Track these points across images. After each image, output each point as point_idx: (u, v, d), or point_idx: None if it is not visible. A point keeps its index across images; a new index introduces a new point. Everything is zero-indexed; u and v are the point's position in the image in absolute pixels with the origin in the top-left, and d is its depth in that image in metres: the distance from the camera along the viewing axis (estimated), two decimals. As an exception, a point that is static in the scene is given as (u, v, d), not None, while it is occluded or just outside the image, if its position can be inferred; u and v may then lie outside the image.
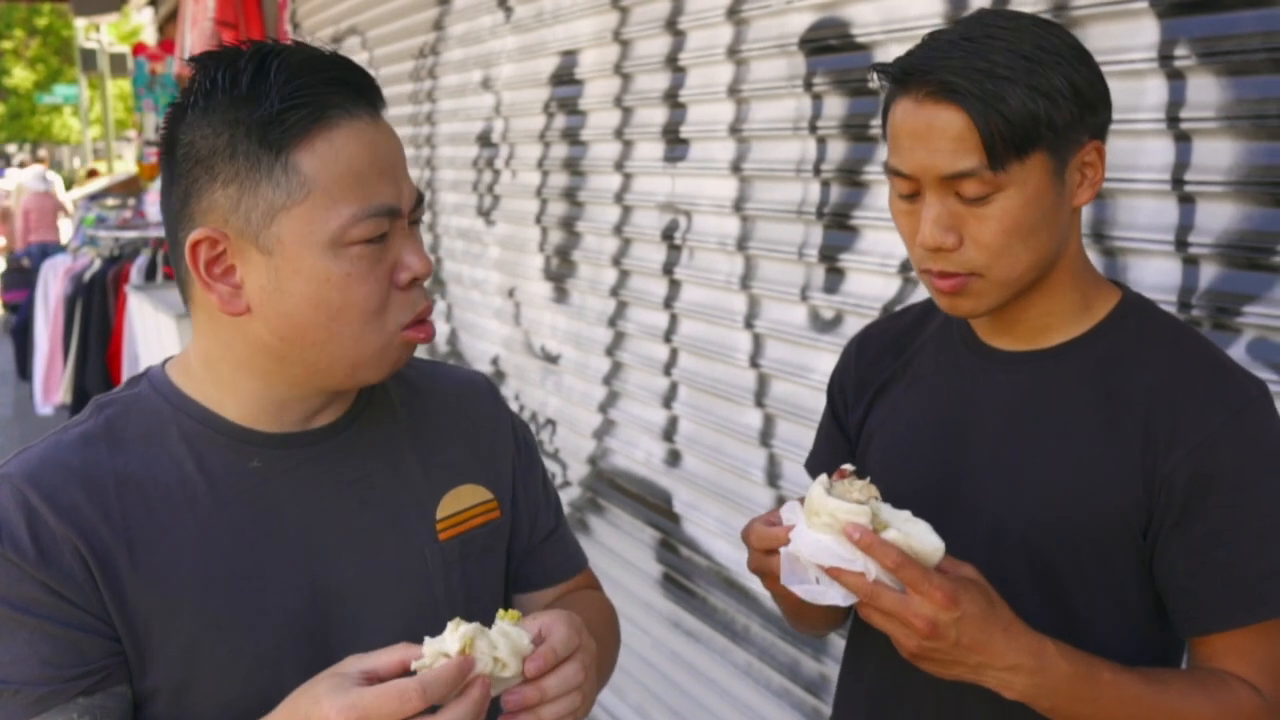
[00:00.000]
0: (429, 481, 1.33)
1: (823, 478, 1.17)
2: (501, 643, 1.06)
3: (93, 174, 17.80)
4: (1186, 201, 1.82)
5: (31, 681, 1.11)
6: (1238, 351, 1.73)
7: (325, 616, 1.21)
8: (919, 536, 1.13)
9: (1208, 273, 1.80)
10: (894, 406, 1.47)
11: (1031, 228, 1.25)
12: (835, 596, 1.14)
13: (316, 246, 1.12)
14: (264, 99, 1.10)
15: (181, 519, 1.19)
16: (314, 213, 1.11)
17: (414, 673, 1.03)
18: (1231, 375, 1.29)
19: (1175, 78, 1.81)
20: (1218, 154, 1.76)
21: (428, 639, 1.05)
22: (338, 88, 1.14)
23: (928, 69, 1.22)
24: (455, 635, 1.04)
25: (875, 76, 1.31)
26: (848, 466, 1.20)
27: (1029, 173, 1.23)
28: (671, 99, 3.16)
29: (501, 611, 1.10)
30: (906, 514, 1.15)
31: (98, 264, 7.32)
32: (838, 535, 1.12)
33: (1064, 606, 1.31)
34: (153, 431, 1.22)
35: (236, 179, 1.11)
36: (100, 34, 20.64)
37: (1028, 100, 1.20)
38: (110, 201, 10.37)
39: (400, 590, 1.27)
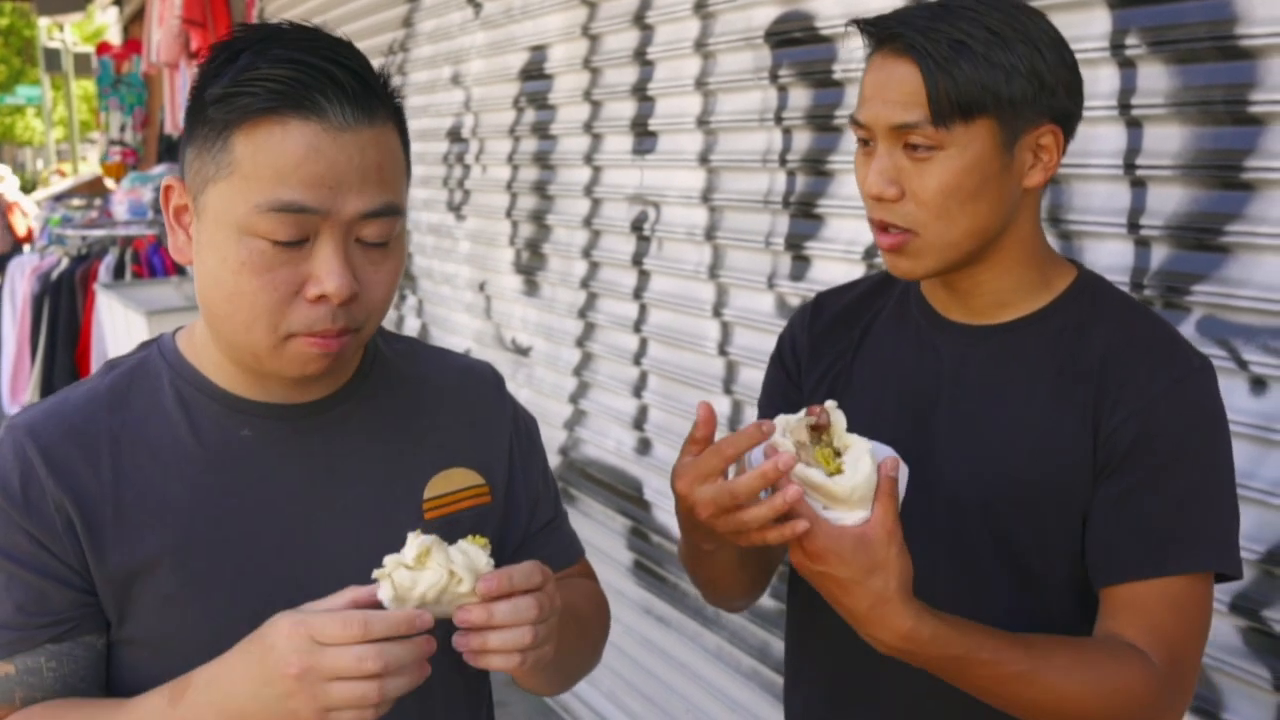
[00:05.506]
0: (419, 461, 1.35)
1: (787, 445, 1.20)
2: (459, 559, 1.09)
3: (59, 173, 17.66)
4: (1138, 185, 1.88)
5: (5, 625, 1.18)
6: (1187, 329, 1.79)
7: (304, 585, 1.23)
8: (842, 477, 1.17)
9: (1159, 254, 1.86)
10: (850, 379, 1.50)
11: (970, 193, 1.29)
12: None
13: (226, 226, 1.15)
14: (226, 76, 1.14)
15: (169, 479, 1.23)
16: (230, 193, 1.14)
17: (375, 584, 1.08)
18: (1178, 347, 1.34)
19: (1126, 66, 1.87)
20: (1167, 139, 1.83)
21: (390, 555, 1.09)
22: (301, 88, 1.12)
23: (894, 26, 1.29)
24: (414, 545, 1.09)
25: (859, 33, 1.36)
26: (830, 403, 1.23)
27: (972, 137, 1.28)
28: (640, 92, 3.21)
29: (471, 536, 1.14)
30: (857, 442, 1.19)
31: (65, 263, 7.28)
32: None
33: (1021, 571, 1.35)
34: (152, 394, 1.27)
35: (196, 142, 1.17)
36: (64, 33, 20.48)
37: (980, 68, 1.25)
38: (76, 202, 10.27)
39: (379, 564, 1.30)
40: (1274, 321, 1.71)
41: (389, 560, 1.09)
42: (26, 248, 10.91)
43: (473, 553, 1.10)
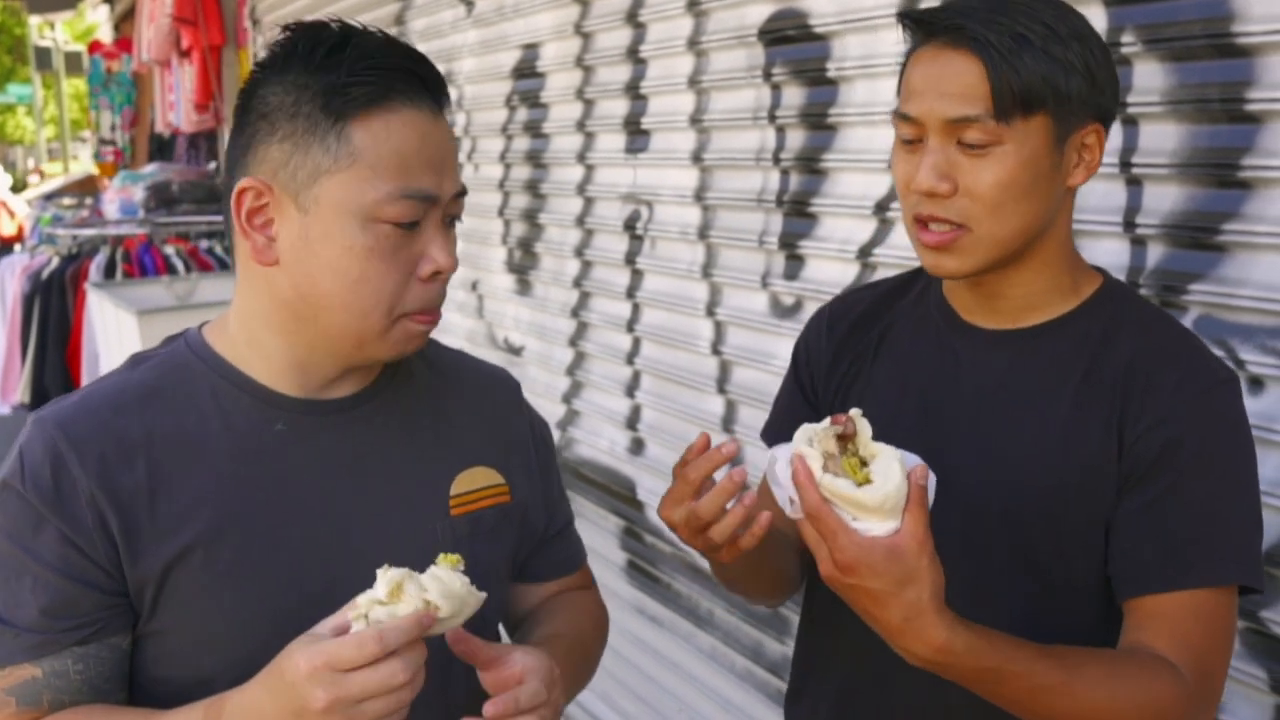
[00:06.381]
0: (444, 459, 1.37)
1: (814, 455, 1.16)
2: (433, 586, 1.09)
3: (38, 173, 17.63)
4: (1134, 184, 1.87)
5: (30, 628, 1.18)
6: (1184, 328, 1.78)
7: (334, 579, 1.25)
8: (872, 487, 1.14)
9: (1155, 253, 1.85)
10: (868, 383, 1.49)
11: (1024, 189, 1.27)
12: (788, 506, 1.18)
13: (349, 215, 1.18)
14: (335, 70, 1.18)
15: (203, 473, 1.23)
16: (354, 182, 1.17)
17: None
18: (1204, 358, 1.32)
19: (1122, 64, 1.86)
20: (1163, 137, 1.82)
21: (363, 593, 1.09)
22: (406, 77, 1.20)
23: (952, 18, 1.27)
24: (384, 579, 1.08)
25: (901, 26, 1.34)
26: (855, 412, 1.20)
27: (1030, 133, 1.26)
28: (633, 91, 3.19)
29: (441, 556, 1.14)
30: (885, 451, 1.16)
31: (56, 262, 7.24)
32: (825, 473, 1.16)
33: (1040, 579, 1.34)
34: (183, 388, 1.27)
35: (292, 137, 1.19)
36: (55, 32, 20.44)
37: (1041, 62, 1.24)
38: (67, 201, 10.24)
39: (410, 558, 1.30)
40: (1271, 321, 1.70)
41: (362, 600, 1.08)
42: (17, 247, 10.88)
43: (446, 577, 1.10)
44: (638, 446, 3.29)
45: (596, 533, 3.50)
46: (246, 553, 1.23)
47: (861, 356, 1.50)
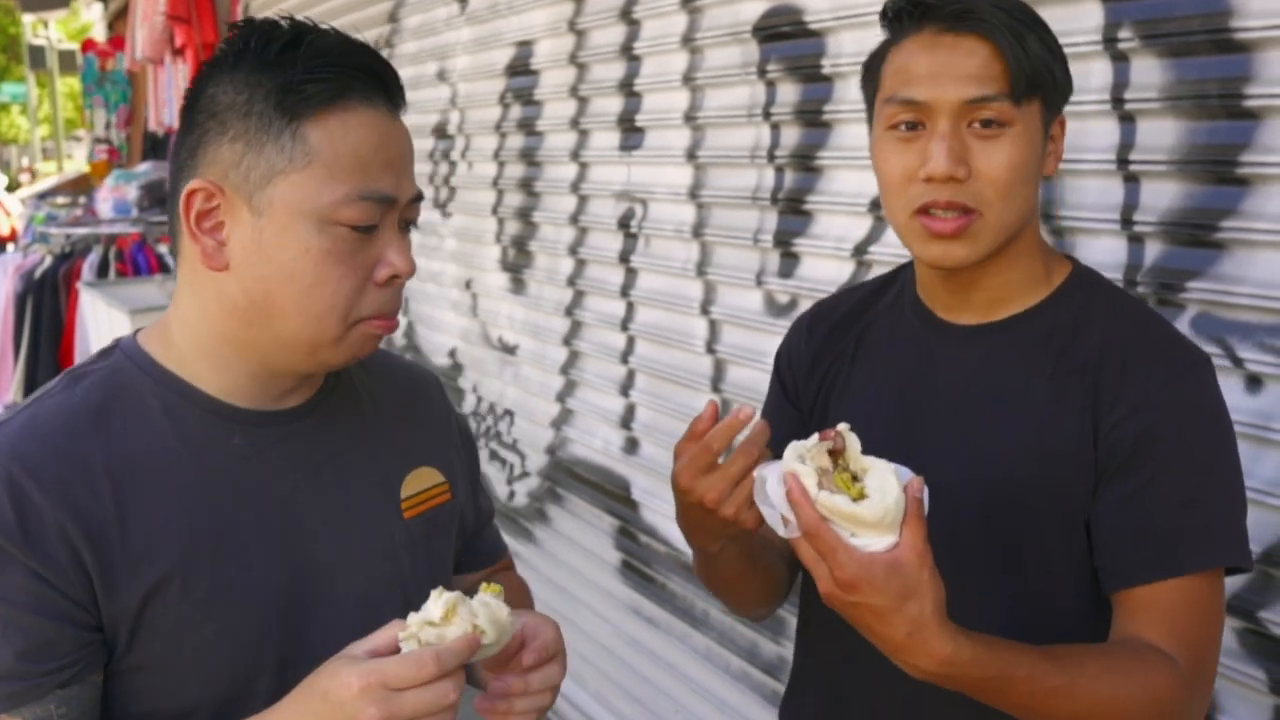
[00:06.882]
0: (392, 462, 1.36)
1: (808, 472, 1.14)
2: (482, 611, 1.09)
3: (29, 171, 17.59)
4: (1131, 181, 1.86)
5: (7, 676, 1.09)
6: (1182, 326, 1.77)
7: (304, 592, 1.23)
8: (870, 502, 1.11)
9: (1153, 250, 1.84)
10: (848, 385, 1.49)
11: (1027, 175, 1.29)
12: (781, 526, 1.16)
13: (305, 216, 1.14)
14: (289, 67, 1.13)
15: (168, 496, 1.17)
16: (310, 183, 1.13)
17: (399, 647, 1.07)
18: (1176, 342, 1.32)
19: (1119, 59, 1.85)
20: (1161, 133, 1.80)
21: (412, 614, 1.08)
22: (363, 76, 1.16)
23: (961, 2, 1.27)
24: (439, 602, 1.08)
25: (886, 12, 1.35)
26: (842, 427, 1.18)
27: (1030, 117, 1.28)
28: (627, 88, 3.18)
29: (485, 585, 1.14)
30: (878, 465, 1.14)
31: (48, 261, 7.22)
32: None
33: (1023, 576, 1.33)
34: (133, 406, 1.20)
35: (245, 136, 1.14)
36: (49, 30, 20.38)
37: (1040, 46, 1.27)
38: (60, 200, 10.21)
39: (373, 565, 1.30)
40: (1270, 319, 1.68)
41: (414, 620, 1.07)
42: (10, 246, 10.85)
43: (493, 605, 1.11)
44: (632, 446, 3.27)
45: (591, 533, 3.48)
46: (223, 576, 1.18)
47: (840, 359, 1.50)
